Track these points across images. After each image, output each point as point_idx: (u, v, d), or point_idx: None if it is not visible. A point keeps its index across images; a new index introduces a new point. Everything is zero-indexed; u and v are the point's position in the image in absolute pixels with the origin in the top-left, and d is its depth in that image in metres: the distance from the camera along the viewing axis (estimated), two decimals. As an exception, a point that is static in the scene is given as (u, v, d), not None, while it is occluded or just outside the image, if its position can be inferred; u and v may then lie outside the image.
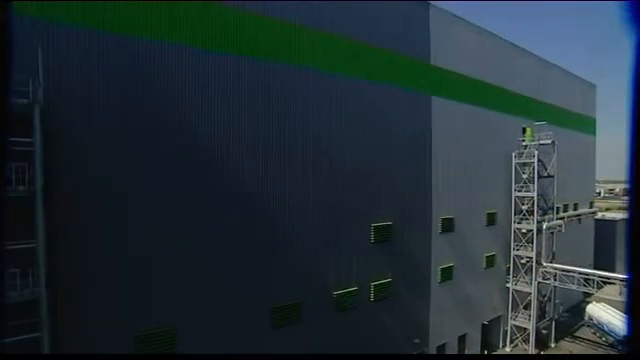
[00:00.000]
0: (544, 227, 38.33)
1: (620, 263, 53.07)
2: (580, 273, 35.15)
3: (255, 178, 21.82)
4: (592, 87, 58.60)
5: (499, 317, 40.00)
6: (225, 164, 20.70)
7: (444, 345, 33.90)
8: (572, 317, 46.85)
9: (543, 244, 38.42)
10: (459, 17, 35.21)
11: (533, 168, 38.47)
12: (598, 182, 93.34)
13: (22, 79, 13.98)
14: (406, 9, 29.71)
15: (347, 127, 26.14)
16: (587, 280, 34.32)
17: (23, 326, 14.75)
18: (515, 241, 39.68)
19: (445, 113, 33.10)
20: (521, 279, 39.38)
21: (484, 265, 38.11)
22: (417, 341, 31.08)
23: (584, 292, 40.76)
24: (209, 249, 20.15)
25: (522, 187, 39.18)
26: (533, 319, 38.00)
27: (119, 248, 17.45)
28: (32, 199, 14.42)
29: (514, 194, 39.68)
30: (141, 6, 17.95)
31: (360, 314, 26.91)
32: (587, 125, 56.45)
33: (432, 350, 32.74)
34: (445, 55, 33.06)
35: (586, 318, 44.18)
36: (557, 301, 42.42)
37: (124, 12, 17.49)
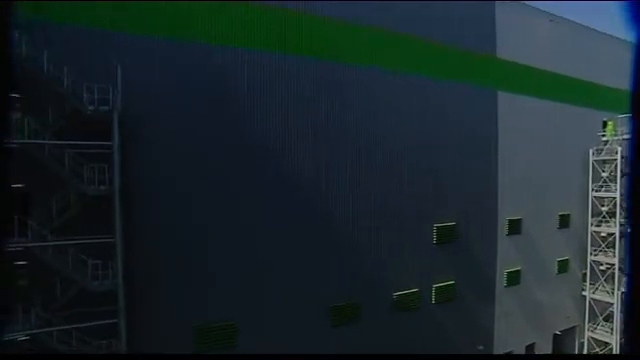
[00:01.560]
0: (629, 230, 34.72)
1: None
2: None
3: (317, 178, 21.98)
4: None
5: (574, 328, 37.04)
6: (289, 164, 21.10)
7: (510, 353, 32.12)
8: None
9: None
10: (528, 5, 32.88)
11: (615, 166, 35.04)
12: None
13: (103, 87, 15.22)
14: None
15: (409, 126, 25.49)
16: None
17: (104, 313, 16.17)
18: (593, 245, 36.45)
19: (513, 108, 31.13)
20: (600, 287, 36.12)
21: (556, 270, 35.44)
22: (481, 347, 29.71)
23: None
24: (272, 248, 20.64)
25: (601, 187, 35.85)
26: (616, 333, 34.68)
27: (187, 245, 18.42)
28: (111, 198, 15.69)
29: (591, 194, 36.45)
30: (212, 12, 18.75)
31: (421, 316, 26.23)
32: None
33: (497, 358, 31.14)
34: (512, 47, 31.06)
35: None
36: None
37: (195, 20, 18.40)
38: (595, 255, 36.29)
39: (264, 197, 20.48)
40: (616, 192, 34.63)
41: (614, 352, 34.69)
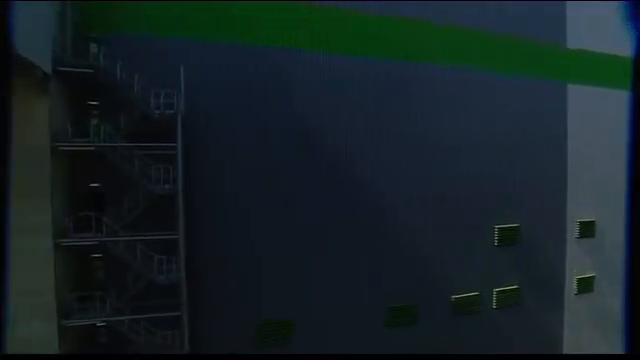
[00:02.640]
0: None
1: None
2: None
3: (377, 177, 21.79)
4: None
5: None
6: (349, 164, 21.10)
7: (582, 366, 29.73)
8: None
9: None
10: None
11: None
12: None
13: (168, 92, 16.22)
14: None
15: (471, 123, 24.44)
16: None
17: (167, 306, 17.18)
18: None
19: (586, 101, 28.80)
20: (689, 298, 32.39)
21: (637, 278, 32.28)
22: None
23: None
24: (331, 247, 20.74)
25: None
26: None
27: (246, 243, 19.09)
28: (175, 196, 16.65)
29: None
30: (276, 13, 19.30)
31: (481, 321, 25.08)
32: None
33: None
34: (587, 34, 28.72)
35: None
36: None
37: (258, 22, 19.03)
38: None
39: (324, 197, 20.63)
40: None
41: None
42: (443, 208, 23.60)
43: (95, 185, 17.19)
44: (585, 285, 29.55)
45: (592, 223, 29.78)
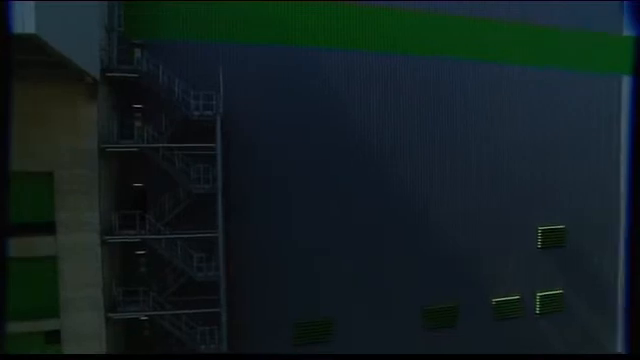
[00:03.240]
0: None
1: None
2: None
3: (416, 176, 21.39)
4: None
5: None
6: (388, 164, 20.86)
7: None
8: None
9: None
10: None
11: None
12: None
13: (208, 94, 16.73)
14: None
15: (515, 121, 23.46)
16: None
17: (206, 301, 17.66)
18: None
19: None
20: None
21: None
22: (598, 370, 26.21)
23: None
24: (368, 246, 20.56)
25: None
26: None
27: (286, 243, 19.31)
28: (214, 195, 17.13)
29: None
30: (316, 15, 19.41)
31: (523, 326, 24.01)
32: None
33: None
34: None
35: None
36: None
37: (297, 23, 19.19)
38: None
39: (364, 196, 20.48)
40: None
41: None
42: (484, 208, 22.81)
43: (139, 184, 17.98)
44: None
45: (648, 226, 27.82)
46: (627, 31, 26.57)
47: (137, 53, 17.12)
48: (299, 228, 19.50)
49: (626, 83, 26.66)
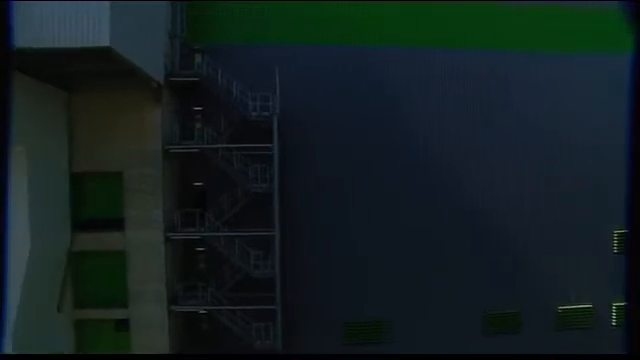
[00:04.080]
0: None
1: None
2: None
3: (477, 176, 20.42)
4: None
5: None
6: (446, 165, 20.12)
7: None
8: None
9: None
10: None
11: None
12: None
13: (265, 95, 17.09)
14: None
15: (576, 114, 21.74)
16: None
17: (262, 298, 18.03)
18: None
19: None
20: None
21: None
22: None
23: None
24: (427, 249, 19.92)
25: None
26: None
27: (342, 242, 19.19)
28: (271, 195, 17.49)
29: None
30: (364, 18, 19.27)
31: (595, 338, 22.14)
32: None
33: None
34: None
35: None
36: None
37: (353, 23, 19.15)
38: None
39: (421, 198, 19.89)
40: None
41: None
42: (550, 209, 21.27)
43: (199, 184, 18.74)
44: None
45: None
46: None
47: (198, 58, 17.82)
48: (355, 228, 19.29)
49: None
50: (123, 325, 18.03)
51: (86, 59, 13.79)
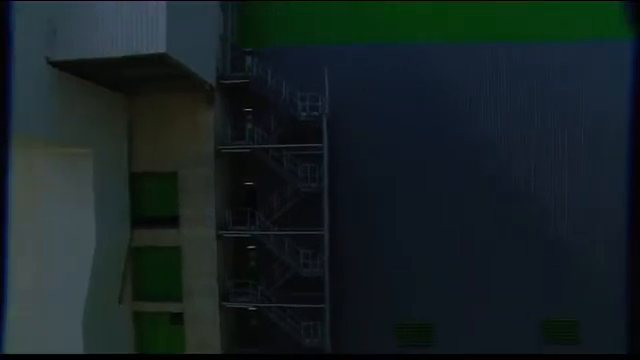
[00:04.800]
0: None
1: None
2: None
3: (532, 175, 19.40)
4: None
5: None
6: (503, 163, 19.29)
7: None
8: None
9: None
10: None
11: None
12: None
13: (314, 95, 17.18)
14: None
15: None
16: None
17: (310, 297, 18.17)
18: None
19: None
20: None
21: None
22: None
23: None
24: (479, 252, 19.19)
25: None
26: None
27: (391, 243, 18.96)
28: (320, 194, 17.59)
29: None
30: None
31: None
32: None
33: None
34: None
35: None
36: None
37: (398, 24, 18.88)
38: None
39: (472, 199, 19.21)
40: None
41: None
42: (613, 208, 19.81)
43: (249, 183, 19.17)
44: None
45: None
46: None
47: (248, 60, 18.19)
48: (404, 229, 18.97)
49: None
50: (177, 318, 18.79)
51: (143, 65, 14.36)
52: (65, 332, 16.01)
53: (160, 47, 13.07)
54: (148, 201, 18.71)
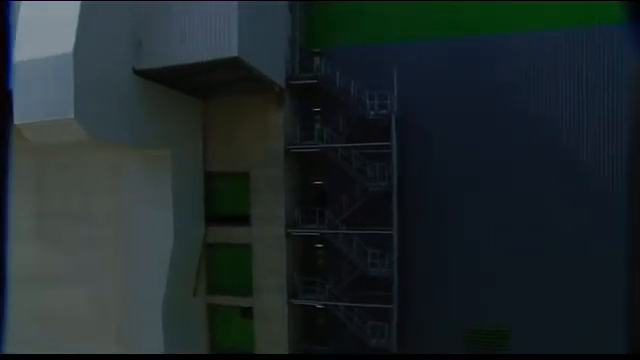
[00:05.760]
0: None
1: None
2: None
3: (620, 177, 17.87)
4: None
5: None
6: (581, 162, 17.90)
7: None
8: None
9: None
10: None
11: None
12: None
13: (383, 94, 17.01)
14: None
15: None
16: None
17: (378, 297, 18.02)
18: None
19: None
20: None
21: None
22: None
23: None
24: (559, 252, 17.94)
25: None
26: None
27: (461, 244, 18.28)
28: (389, 193, 17.39)
29: None
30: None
31: None
32: None
33: None
34: None
35: None
36: None
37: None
38: None
39: (548, 198, 17.99)
40: None
41: None
42: None
43: (318, 183, 19.38)
44: None
45: None
46: None
47: (316, 60, 18.39)
48: (476, 229, 18.14)
49: None
50: (247, 313, 19.49)
51: (217, 70, 14.97)
52: (145, 320, 17.23)
53: (232, 51, 13.56)
54: (221, 200, 19.55)
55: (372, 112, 17.36)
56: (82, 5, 12.09)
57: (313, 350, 20.11)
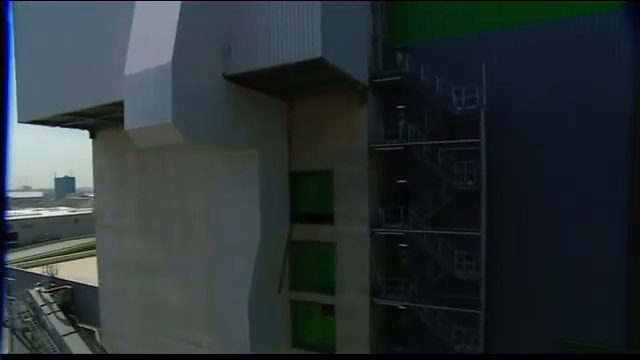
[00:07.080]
0: None
1: None
2: None
3: None
4: None
5: None
6: None
7: None
8: None
9: None
10: None
11: None
12: None
13: (469, 88, 16.23)
14: None
15: None
16: None
17: (463, 301, 17.21)
18: None
19: None
20: None
21: None
22: None
23: None
24: None
25: None
26: None
27: (556, 247, 16.82)
28: (478, 193, 16.55)
29: None
30: None
31: None
32: None
33: None
34: None
35: None
36: None
37: None
38: None
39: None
40: None
41: None
42: None
43: (403, 181, 19.04)
44: None
45: None
46: None
47: (399, 57, 18.08)
48: (571, 232, 16.57)
49: None
50: (329, 310, 19.73)
51: (302, 71, 15.30)
52: (232, 314, 18.14)
53: (316, 52, 13.79)
54: (305, 198, 20.01)
55: (459, 108, 16.60)
56: (179, 21, 13.13)
57: (393, 350, 19.82)
